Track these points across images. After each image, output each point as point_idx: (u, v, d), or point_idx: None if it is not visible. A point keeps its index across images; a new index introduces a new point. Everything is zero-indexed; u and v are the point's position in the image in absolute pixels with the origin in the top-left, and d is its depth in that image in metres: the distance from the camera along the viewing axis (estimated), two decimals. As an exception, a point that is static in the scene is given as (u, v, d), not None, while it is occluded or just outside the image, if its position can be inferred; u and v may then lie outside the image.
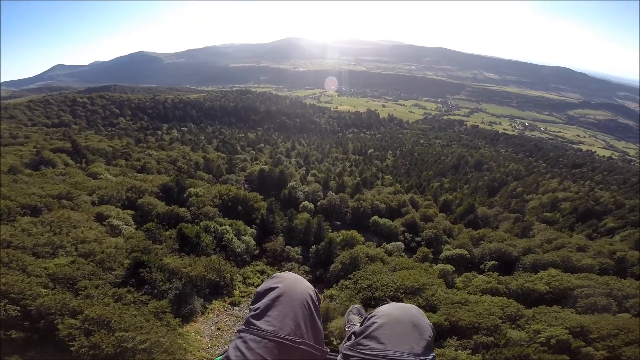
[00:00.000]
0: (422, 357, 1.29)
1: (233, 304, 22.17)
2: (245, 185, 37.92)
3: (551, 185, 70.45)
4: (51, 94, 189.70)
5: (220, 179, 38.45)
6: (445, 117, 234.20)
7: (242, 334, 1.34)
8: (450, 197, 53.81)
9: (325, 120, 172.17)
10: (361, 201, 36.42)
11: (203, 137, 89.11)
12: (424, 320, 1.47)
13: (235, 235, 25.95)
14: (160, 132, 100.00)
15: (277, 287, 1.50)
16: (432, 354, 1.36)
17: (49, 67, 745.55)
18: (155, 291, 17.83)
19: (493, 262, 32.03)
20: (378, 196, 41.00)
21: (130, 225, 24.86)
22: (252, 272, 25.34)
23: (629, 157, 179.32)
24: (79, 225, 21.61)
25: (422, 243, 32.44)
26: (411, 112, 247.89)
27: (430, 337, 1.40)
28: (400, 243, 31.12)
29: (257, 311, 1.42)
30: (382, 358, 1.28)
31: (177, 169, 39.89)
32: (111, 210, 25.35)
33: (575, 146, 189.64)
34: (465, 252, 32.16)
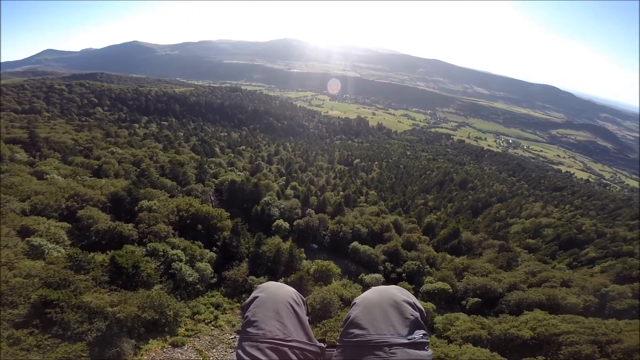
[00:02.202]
0: (409, 337, 1.25)
1: (175, 345, 18.51)
2: (213, 198, 34.13)
3: (534, 209, 69.75)
4: (34, 79, 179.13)
5: (184, 188, 34.48)
6: (432, 130, 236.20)
7: (241, 343, 1.37)
8: (435, 218, 51.87)
9: (314, 124, 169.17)
10: (342, 224, 33.45)
11: (182, 134, 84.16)
12: (406, 299, 1.42)
13: (188, 261, 22.36)
14: (137, 125, 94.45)
15: (260, 295, 1.55)
16: (421, 332, 1.30)
17: (39, 51, 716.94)
18: (69, 333, 14.26)
19: (476, 299, 29.89)
20: (360, 218, 38.23)
21: (61, 243, 20.94)
22: (204, 304, 21.74)
23: (604, 181, 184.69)
24: (-10, 244, 17.69)
25: (404, 275, 29.74)
26: (400, 122, 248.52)
27: (412, 315, 1.35)
28: (380, 275, 28.32)
29: (246, 319, 1.47)
30: (366, 342, 1.27)
31: (138, 172, 35.67)
32: (40, 224, 21.37)
33: (555, 166, 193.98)
34: (448, 286, 29.81)
